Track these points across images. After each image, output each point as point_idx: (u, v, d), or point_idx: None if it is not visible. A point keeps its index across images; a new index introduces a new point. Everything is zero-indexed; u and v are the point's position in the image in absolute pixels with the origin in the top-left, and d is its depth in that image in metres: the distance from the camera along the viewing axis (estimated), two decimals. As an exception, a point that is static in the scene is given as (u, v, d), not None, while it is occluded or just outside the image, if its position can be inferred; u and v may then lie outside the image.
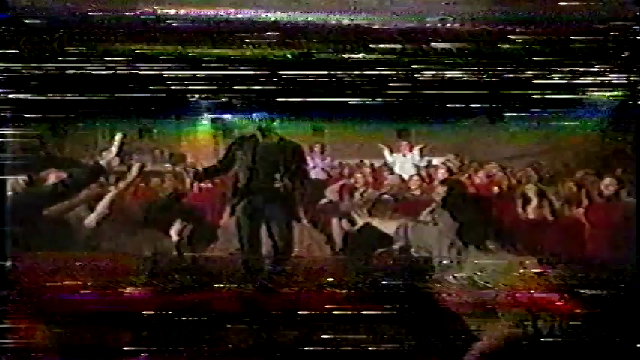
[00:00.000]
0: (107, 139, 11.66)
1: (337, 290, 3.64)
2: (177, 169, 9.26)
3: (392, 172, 8.21)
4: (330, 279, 3.86)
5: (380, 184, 7.46)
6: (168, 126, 11.81)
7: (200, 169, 4.40)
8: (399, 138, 11.04)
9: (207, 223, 5.28)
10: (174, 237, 4.20)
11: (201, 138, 12.39)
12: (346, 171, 8.61)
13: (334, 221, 5.12)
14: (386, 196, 5.14)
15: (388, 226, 3.89)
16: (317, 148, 9.50)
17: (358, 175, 7.23)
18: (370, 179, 7.78)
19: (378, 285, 3.45)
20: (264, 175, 3.94)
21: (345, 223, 5.00)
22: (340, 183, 6.29)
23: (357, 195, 5.82)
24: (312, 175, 7.00)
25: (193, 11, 6.36)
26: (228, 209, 4.11)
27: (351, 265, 4.24)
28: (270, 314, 3.26)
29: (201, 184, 6.96)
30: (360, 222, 4.06)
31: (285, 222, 3.97)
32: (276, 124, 4.08)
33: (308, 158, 7.66)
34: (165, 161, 10.11)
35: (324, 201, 5.74)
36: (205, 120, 12.37)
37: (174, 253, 4.21)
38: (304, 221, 4.33)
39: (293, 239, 3.89)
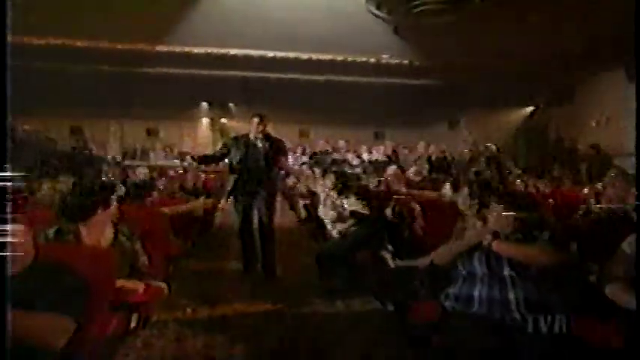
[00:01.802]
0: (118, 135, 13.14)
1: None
2: (185, 164, 10.66)
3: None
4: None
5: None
6: (172, 127, 13.20)
7: (200, 155, 5.14)
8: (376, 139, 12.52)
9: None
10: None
11: (201, 138, 13.73)
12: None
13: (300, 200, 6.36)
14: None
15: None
16: (299, 150, 10.75)
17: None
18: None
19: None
20: (255, 166, 4.44)
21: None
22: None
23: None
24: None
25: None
26: (226, 193, 4.72)
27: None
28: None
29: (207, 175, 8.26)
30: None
31: (270, 201, 4.84)
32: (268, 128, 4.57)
33: (290, 154, 9.04)
34: (174, 158, 11.45)
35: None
36: (204, 122, 13.76)
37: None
38: (279, 199, 5.31)
39: (275, 213, 4.90)
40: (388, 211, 4.07)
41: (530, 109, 12.71)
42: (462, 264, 2.21)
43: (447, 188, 4.38)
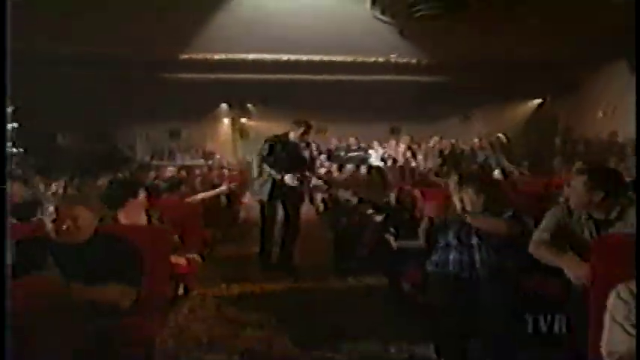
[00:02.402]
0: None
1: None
2: (209, 162, 11.41)
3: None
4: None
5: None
6: (194, 128, 13.87)
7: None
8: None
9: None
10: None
11: (223, 138, 14.41)
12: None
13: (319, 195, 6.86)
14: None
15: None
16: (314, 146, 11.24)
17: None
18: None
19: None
20: (295, 168, 4.52)
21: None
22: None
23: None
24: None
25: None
26: (266, 192, 4.66)
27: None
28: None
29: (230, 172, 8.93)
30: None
31: (300, 199, 4.82)
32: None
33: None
34: (200, 157, 12.17)
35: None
36: (225, 122, 14.43)
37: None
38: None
39: (301, 208, 4.91)
40: (392, 198, 4.61)
41: (538, 101, 13.05)
42: (441, 237, 2.77)
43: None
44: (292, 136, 4.70)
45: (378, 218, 4.22)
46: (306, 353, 2.85)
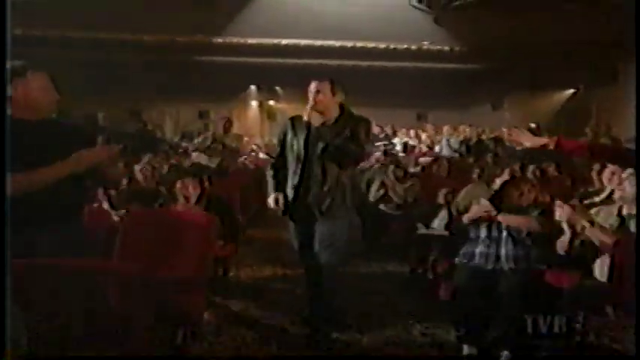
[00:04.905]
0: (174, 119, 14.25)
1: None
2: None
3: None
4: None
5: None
6: (223, 110, 14.08)
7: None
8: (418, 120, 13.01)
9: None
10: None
11: (250, 119, 14.64)
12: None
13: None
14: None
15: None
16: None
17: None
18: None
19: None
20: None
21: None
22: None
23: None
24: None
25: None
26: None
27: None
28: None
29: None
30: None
31: None
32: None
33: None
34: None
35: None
36: (254, 104, 14.64)
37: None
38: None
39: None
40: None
41: (571, 91, 12.82)
42: (472, 230, 2.92)
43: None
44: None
45: (422, 230, 4.11)
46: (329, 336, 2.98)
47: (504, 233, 2.82)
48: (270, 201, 2.95)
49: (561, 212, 2.47)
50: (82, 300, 1.81)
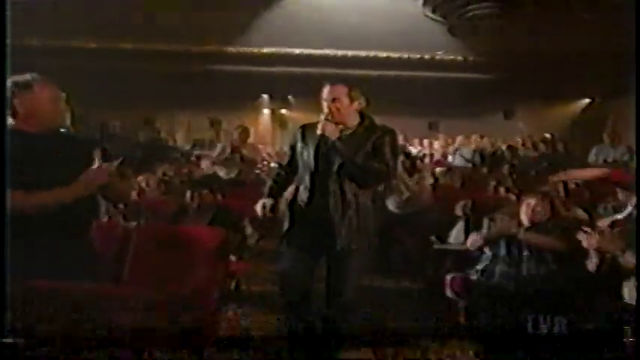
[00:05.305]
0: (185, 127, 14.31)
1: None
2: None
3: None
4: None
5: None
6: (234, 118, 14.08)
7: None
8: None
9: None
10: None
11: (262, 128, 14.63)
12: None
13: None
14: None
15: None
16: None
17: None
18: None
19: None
20: None
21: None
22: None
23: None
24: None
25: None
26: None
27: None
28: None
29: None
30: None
31: None
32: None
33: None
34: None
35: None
36: (266, 113, 14.64)
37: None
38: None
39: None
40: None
41: (587, 101, 12.63)
42: (488, 247, 2.82)
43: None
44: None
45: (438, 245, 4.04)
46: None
47: (525, 251, 2.71)
48: (258, 206, 2.64)
49: (589, 241, 2.32)
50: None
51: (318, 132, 2.51)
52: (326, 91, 2.57)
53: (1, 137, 1.86)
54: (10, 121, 2.01)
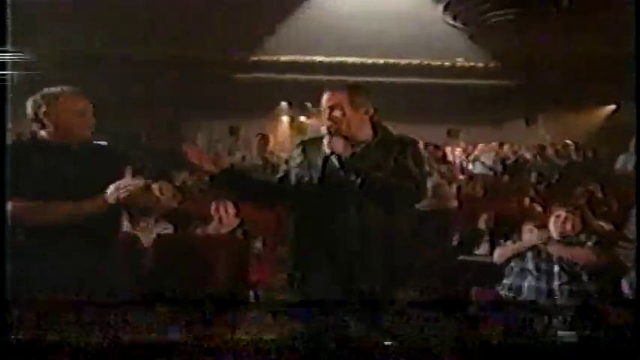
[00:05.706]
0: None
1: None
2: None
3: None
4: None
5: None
6: (253, 126, 14.16)
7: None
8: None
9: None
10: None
11: (281, 135, 14.66)
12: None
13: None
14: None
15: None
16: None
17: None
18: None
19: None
20: None
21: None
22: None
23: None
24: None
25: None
26: None
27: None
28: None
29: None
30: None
31: None
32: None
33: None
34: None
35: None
36: (284, 120, 14.69)
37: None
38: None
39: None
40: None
41: (612, 107, 12.35)
42: (515, 261, 2.72)
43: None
44: None
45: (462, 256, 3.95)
46: None
47: (556, 266, 2.62)
48: None
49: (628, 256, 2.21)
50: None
51: (326, 150, 2.11)
52: (324, 98, 2.23)
53: (1, 147, 1.89)
54: (41, 133, 2.03)
